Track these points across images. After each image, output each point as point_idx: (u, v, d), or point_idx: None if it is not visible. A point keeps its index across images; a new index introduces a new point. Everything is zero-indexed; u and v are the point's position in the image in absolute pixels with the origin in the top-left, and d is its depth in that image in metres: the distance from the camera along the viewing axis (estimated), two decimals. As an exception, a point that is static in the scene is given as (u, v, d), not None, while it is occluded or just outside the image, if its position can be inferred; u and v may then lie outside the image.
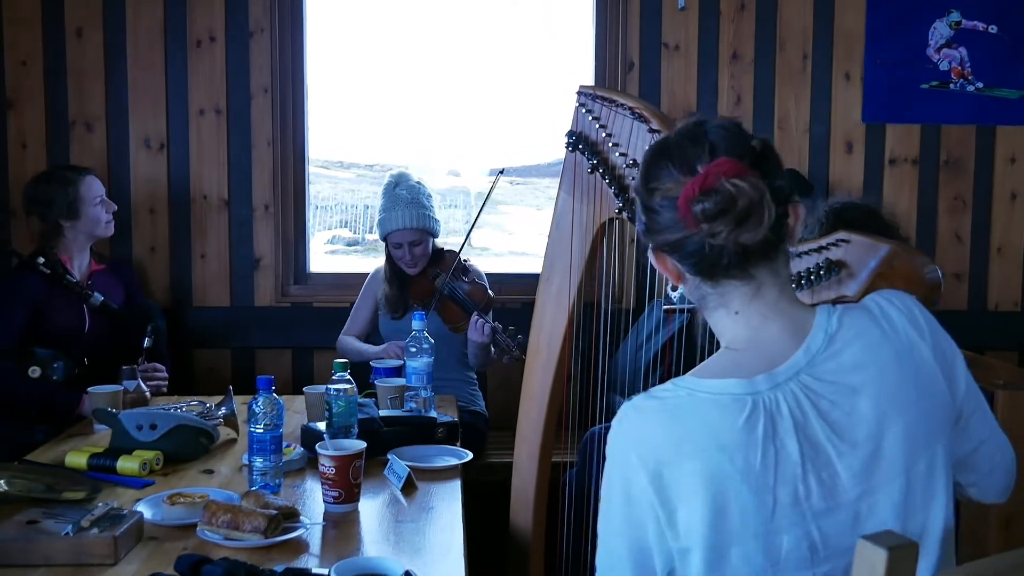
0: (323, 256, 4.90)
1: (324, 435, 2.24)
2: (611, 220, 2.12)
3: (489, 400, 3.57)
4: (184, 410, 2.61)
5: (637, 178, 1.30)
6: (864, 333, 1.24)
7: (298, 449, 2.31)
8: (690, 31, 3.70)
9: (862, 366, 1.21)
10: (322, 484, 1.98)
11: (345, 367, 2.30)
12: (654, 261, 1.30)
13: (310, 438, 2.29)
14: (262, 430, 2.03)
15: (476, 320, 3.16)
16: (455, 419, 2.55)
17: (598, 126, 2.07)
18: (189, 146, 3.66)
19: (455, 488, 2.16)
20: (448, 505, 2.05)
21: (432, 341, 2.68)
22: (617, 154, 1.99)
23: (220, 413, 2.57)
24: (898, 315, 1.26)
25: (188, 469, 2.26)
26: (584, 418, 2.41)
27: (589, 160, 2.09)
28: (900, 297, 1.29)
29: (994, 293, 3.82)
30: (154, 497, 1.98)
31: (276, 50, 3.65)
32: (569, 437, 2.44)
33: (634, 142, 1.94)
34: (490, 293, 3.34)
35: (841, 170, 3.77)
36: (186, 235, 3.70)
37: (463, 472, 2.29)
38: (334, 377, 2.28)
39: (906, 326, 1.25)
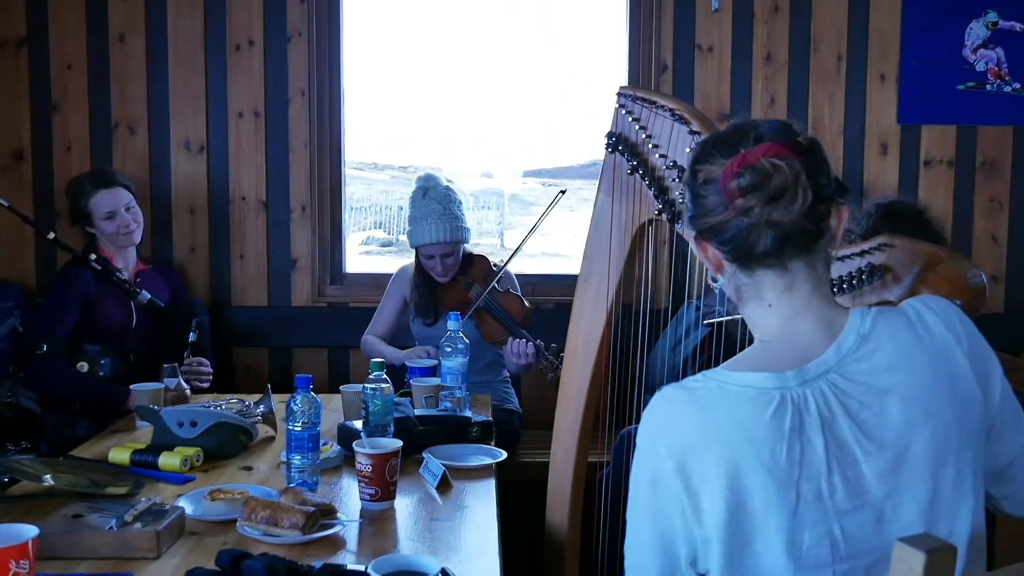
0: (357, 257, 4.94)
1: (361, 433, 2.26)
2: (650, 221, 2.12)
3: (523, 399, 3.59)
4: (223, 408, 2.65)
5: (688, 168, 1.33)
6: (897, 336, 1.24)
7: (335, 447, 2.32)
8: (723, 32, 3.70)
9: (894, 368, 1.22)
10: (359, 482, 1.99)
11: (381, 366, 2.32)
12: (696, 249, 1.33)
13: (347, 436, 2.31)
14: (300, 428, 2.05)
15: (517, 341, 3.17)
16: (489, 418, 2.56)
17: (638, 127, 2.07)
18: (228, 148, 3.72)
19: (490, 487, 2.17)
20: (483, 504, 2.06)
21: (467, 341, 2.70)
22: (657, 155, 1.99)
23: (258, 411, 2.60)
24: (935, 320, 1.26)
25: (227, 466, 2.29)
26: (620, 418, 2.41)
27: (629, 161, 2.09)
28: (938, 303, 1.29)
29: (1032, 295, 3.78)
30: (195, 493, 2.01)
31: (313, 54, 3.69)
32: (604, 436, 2.45)
33: (674, 143, 1.94)
34: (527, 304, 3.32)
35: (875, 171, 3.74)
36: (225, 236, 3.75)
37: (497, 471, 2.30)
38: (371, 376, 2.29)
39: (942, 331, 1.25)
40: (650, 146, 2.02)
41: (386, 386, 2.29)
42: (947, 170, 3.75)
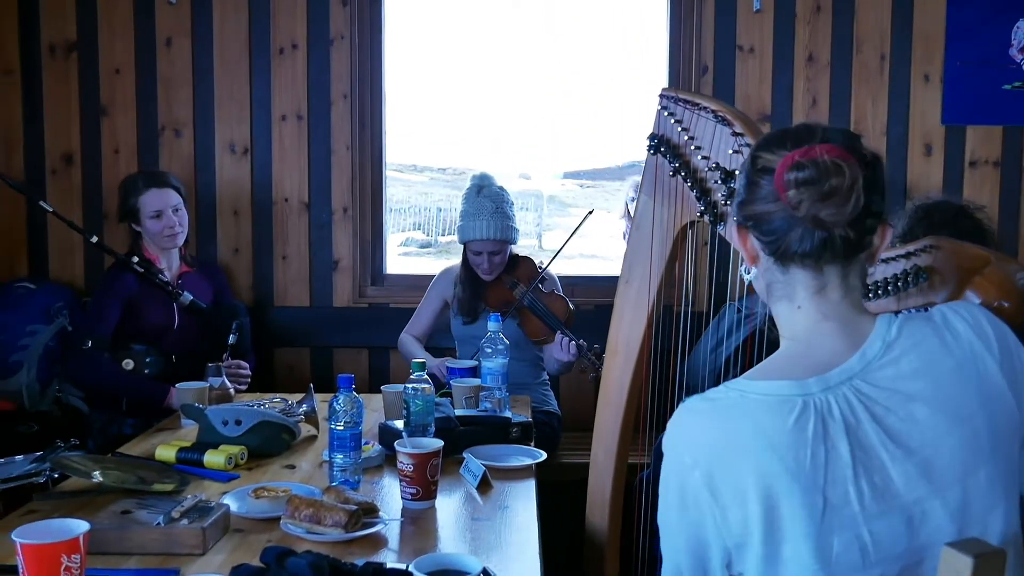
0: (397, 258, 4.98)
1: (402, 433, 2.27)
2: (692, 223, 2.12)
3: (562, 401, 3.59)
4: (267, 407, 2.68)
5: (748, 154, 1.33)
6: (924, 342, 1.24)
7: (376, 446, 2.34)
8: (765, 33, 3.68)
9: (920, 374, 1.22)
10: (400, 481, 2.01)
11: (422, 367, 2.34)
12: (736, 237, 1.34)
13: (388, 436, 2.33)
14: (342, 427, 2.07)
15: (562, 339, 3.19)
16: (529, 419, 2.57)
17: (680, 129, 2.07)
18: (272, 151, 3.77)
19: (530, 487, 2.17)
20: (523, 504, 2.06)
21: (507, 342, 2.71)
22: (699, 157, 1.99)
23: (301, 410, 2.63)
24: (963, 326, 1.26)
25: (271, 464, 2.32)
26: (660, 420, 2.41)
27: (671, 163, 2.09)
28: (968, 308, 1.29)
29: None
30: (240, 490, 2.03)
31: (355, 57, 3.73)
32: (645, 438, 2.44)
33: (716, 145, 1.93)
34: (571, 306, 3.34)
35: (919, 172, 3.70)
36: (268, 237, 3.80)
37: (537, 472, 2.30)
38: (412, 376, 2.31)
39: (971, 337, 1.25)
40: (692, 148, 2.02)
41: (427, 386, 2.31)
42: (993, 171, 3.69)
